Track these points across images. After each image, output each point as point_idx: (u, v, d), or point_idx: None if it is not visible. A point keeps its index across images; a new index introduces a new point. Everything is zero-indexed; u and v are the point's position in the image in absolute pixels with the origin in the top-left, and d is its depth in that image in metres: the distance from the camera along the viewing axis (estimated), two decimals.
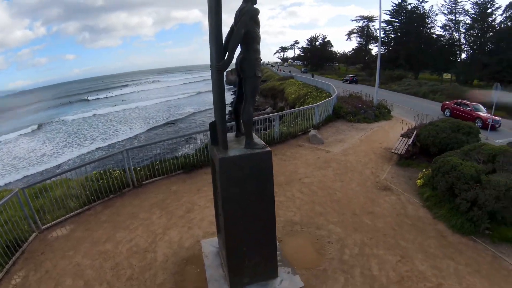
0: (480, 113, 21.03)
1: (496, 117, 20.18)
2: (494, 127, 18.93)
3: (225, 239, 4.57)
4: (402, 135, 12.74)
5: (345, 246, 6.38)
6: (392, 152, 11.29)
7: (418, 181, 9.20)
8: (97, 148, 34.87)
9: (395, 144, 11.99)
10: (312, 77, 50.24)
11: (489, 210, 7.01)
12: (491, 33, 58.93)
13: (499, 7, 57.58)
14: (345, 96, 22.39)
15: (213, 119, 4.58)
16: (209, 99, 52.68)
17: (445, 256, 6.33)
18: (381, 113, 19.09)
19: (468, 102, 22.88)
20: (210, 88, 4.58)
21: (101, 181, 8.38)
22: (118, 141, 37.10)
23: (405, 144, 11.45)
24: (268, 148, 4.40)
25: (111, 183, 8.46)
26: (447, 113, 22.72)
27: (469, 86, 47.89)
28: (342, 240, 6.57)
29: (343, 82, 51.79)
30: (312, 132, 13.59)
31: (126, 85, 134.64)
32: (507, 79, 45.08)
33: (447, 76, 64.40)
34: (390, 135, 14.56)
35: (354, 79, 53.94)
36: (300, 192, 8.70)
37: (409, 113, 19.84)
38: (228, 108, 14.28)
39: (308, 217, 7.42)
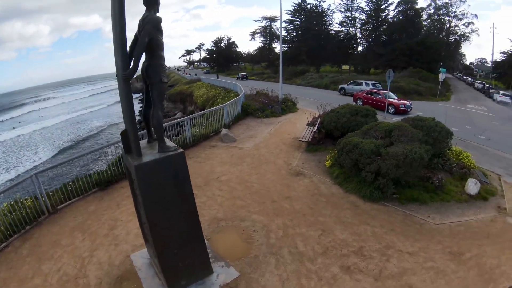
0: (391, 100, 22.15)
1: (407, 102, 22.10)
2: (406, 111, 20.69)
3: (154, 246, 4.57)
4: (308, 124, 13.78)
5: (270, 231, 6.82)
6: (300, 141, 12.26)
7: (326, 162, 10.23)
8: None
9: (302, 133, 12.96)
10: (217, 78, 51.36)
11: (392, 177, 8.16)
12: (384, 27, 68.09)
13: (391, 3, 66.78)
14: (252, 94, 23.19)
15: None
16: (118, 111, 49.67)
17: (361, 222, 7.25)
18: (287, 106, 20.36)
19: (379, 90, 24.25)
20: (119, 99, 4.52)
21: (14, 213, 7.52)
22: (24, 170, 32.93)
23: (311, 132, 12.49)
24: (181, 150, 4.53)
25: (25, 213, 7.64)
26: (360, 102, 22.94)
27: (367, 75, 54.12)
28: (266, 226, 7.01)
29: (236, 79, 54.65)
30: (224, 131, 13.89)
31: (24, 104, 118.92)
32: (400, 65, 52.39)
33: (346, 67, 72.07)
34: (298, 125, 15.69)
35: (245, 76, 60.16)
36: (220, 190, 8.95)
37: (313, 104, 21.38)
38: (139, 117, 13.79)
39: (231, 211, 7.71)
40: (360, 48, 72.14)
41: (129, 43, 4.27)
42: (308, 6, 69.95)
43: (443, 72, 37.18)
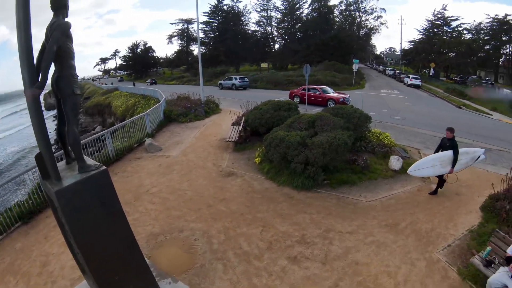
0: (330, 94, 22.73)
1: (346, 95, 22.78)
2: (346, 104, 21.38)
3: (93, 276, 4.17)
4: (233, 124, 13.96)
5: (211, 237, 6.73)
6: (227, 141, 12.37)
7: (256, 159, 10.46)
8: None
9: (228, 133, 13.07)
10: (134, 85, 50.29)
11: (321, 165, 8.65)
12: (299, 24, 72.00)
13: (305, 2, 71.15)
14: (173, 99, 22.61)
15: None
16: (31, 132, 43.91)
17: (298, 212, 7.58)
18: (210, 108, 20.26)
19: (316, 86, 24.45)
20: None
21: None
22: None
23: (237, 131, 12.65)
24: (104, 167, 4.17)
25: None
26: (297, 99, 23.02)
27: (285, 71, 56.74)
28: (206, 233, 6.90)
29: (146, 84, 55.05)
30: (148, 141, 13.32)
31: None
32: (316, 60, 56.00)
33: (264, 65, 74.57)
34: (223, 126, 15.77)
35: (154, 81, 61.08)
36: (152, 203, 8.54)
37: (235, 103, 21.62)
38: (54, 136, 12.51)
39: (167, 224, 7.41)
40: (277, 46, 75.97)
41: (36, 54, 3.82)
42: (225, 7, 71.17)
43: (356, 63, 40.94)
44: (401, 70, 62.13)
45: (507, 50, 71.06)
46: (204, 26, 70.06)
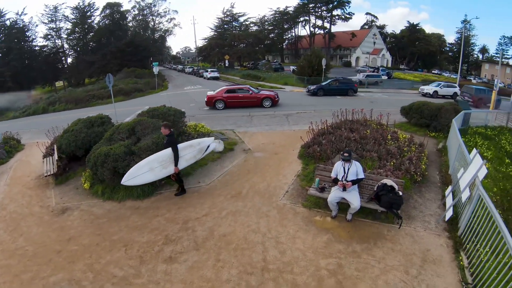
0: (265, 93, 21.39)
1: (274, 92, 22.11)
2: (278, 101, 20.60)
3: None
4: (45, 156, 11.76)
5: (79, 281, 5.65)
6: (46, 176, 10.47)
7: (85, 185, 9.28)
8: None
9: (43, 168, 11.13)
10: None
11: None
12: (92, 33, 65.52)
13: (97, 8, 64.31)
14: None
15: None
16: None
17: (150, 218, 7.46)
18: (11, 146, 16.38)
19: (243, 86, 22.83)
20: None
21: None
22: None
23: (53, 163, 10.80)
24: None
25: None
26: (220, 105, 20.47)
27: (83, 86, 51.77)
28: (71, 279, 5.75)
29: None
30: None
31: None
32: (115, 68, 53.39)
33: (59, 83, 65.85)
34: (33, 162, 13.03)
35: None
36: None
37: (41, 132, 18.39)
38: None
39: None
40: (70, 60, 68.33)
41: None
42: (7, 22, 58.25)
43: (155, 65, 41.40)
44: (199, 66, 67.07)
45: (289, 35, 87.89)
46: None
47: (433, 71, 79.07)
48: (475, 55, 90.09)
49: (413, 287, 4.88)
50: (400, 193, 6.47)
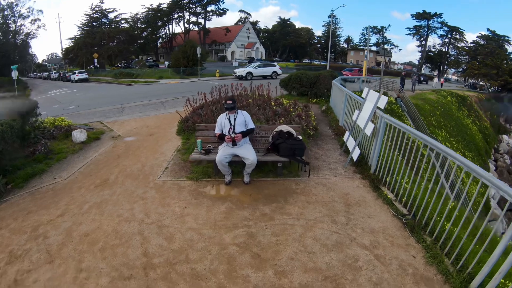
0: None
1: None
2: None
3: None
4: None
5: None
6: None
7: None
8: None
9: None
10: None
11: None
12: None
13: None
14: None
15: None
16: None
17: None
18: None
19: None
20: None
21: None
22: None
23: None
24: None
25: None
26: None
27: None
28: None
29: None
30: None
31: None
32: None
33: None
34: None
35: None
36: None
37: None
38: None
39: None
40: None
41: None
42: None
43: (14, 69, 35.31)
44: (66, 71, 60.15)
45: (163, 34, 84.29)
46: None
47: (304, 61, 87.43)
48: (341, 45, 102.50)
49: (348, 234, 4.34)
50: (300, 137, 6.05)
